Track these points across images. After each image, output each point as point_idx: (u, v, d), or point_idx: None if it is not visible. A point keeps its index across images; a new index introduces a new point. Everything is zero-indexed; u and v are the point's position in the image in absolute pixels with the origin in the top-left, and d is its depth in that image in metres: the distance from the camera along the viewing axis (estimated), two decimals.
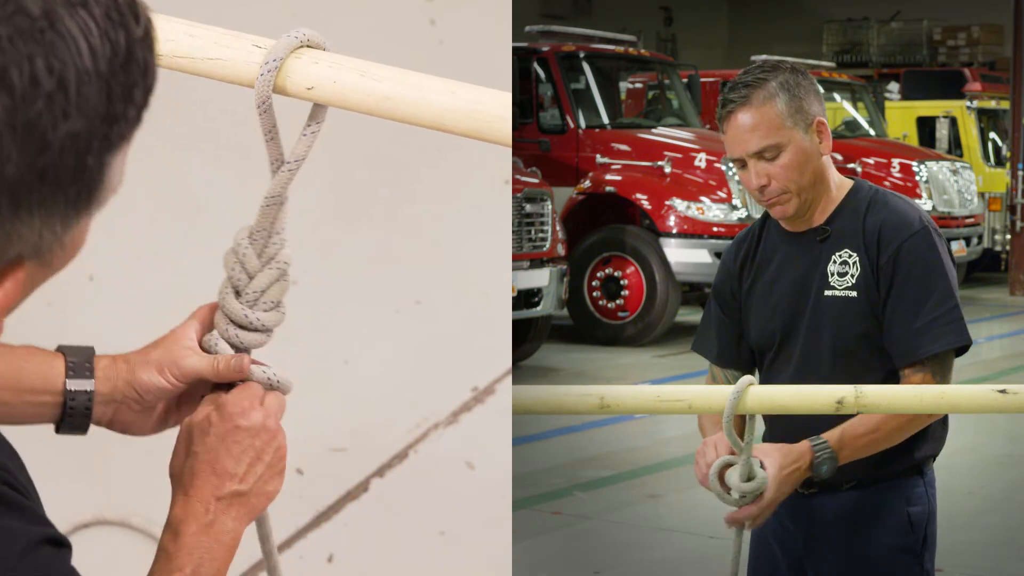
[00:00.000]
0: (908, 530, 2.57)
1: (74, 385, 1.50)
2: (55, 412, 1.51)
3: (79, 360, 1.52)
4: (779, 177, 2.49)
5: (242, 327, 1.57)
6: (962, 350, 2.51)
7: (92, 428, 1.56)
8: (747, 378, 2.11)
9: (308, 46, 1.50)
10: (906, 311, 2.48)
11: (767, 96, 2.47)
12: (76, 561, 1.24)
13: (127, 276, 2.76)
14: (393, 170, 2.84)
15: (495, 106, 1.44)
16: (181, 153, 2.81)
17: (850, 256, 2.52)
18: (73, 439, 1.55)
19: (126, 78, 1.05)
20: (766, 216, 2.66)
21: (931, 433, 2.59)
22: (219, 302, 1.58)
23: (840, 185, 2.57)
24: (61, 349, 1.53)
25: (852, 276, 2.51)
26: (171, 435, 1.57)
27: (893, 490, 2.58)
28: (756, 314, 2.63)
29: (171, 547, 1.45)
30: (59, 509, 2.56)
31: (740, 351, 2.68)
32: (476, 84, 1.46)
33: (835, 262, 2.53)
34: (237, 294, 1.58)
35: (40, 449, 2.66)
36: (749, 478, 2.34)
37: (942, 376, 2.47)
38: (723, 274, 2.72)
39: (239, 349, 1.57)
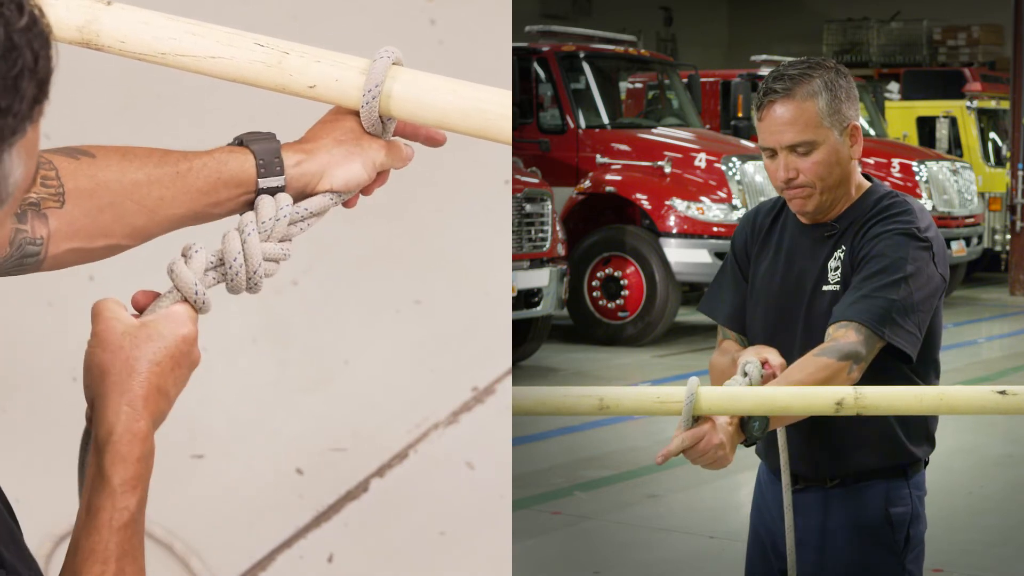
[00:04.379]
0: (888, 530, 2.59)
1: (266, 183, 1.54)
2: (246, 207, 1.55)
3: (268, 159, 1.54)
4: (807, 172, 2.50)
5: (247, 267, 1.51)
6: (899, 353, 2.43)
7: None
8: (694, 380, 2.10)
9: (396, 63, 1.52)
10: (856, 285, 2.45)
11: (810, 92, 2.48)
12: None
13: (127, 276, 2.76)
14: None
15: (496, 105, 1.44)
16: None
17: (843, 252, 2.53)
18: (76, 440, 1.55)
19: (8, 71, 1.03)
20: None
21: (916, 439, 2.60)
22: (242, 229, 1.52)
23: (859, 186, 2.59)
24: (246, 144, 1.55)
25: (840, 271, 2.53)
26: (173, 440, 1.57)
27: (875, 490, 2.60)
28: (757, 293, 2.65)
29: (119, 471, 1.39)
30: (59, 509, 2.56)
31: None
32: (477, 82, 1.46)
33: (835, 258, 2.54)
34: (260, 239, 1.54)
35: (41, 449, 2.66)
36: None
37: (866, 348, 2.37)
38: (741, 235, 2.72)
39: (226, 277, 1.52)
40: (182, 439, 2.74)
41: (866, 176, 2.62)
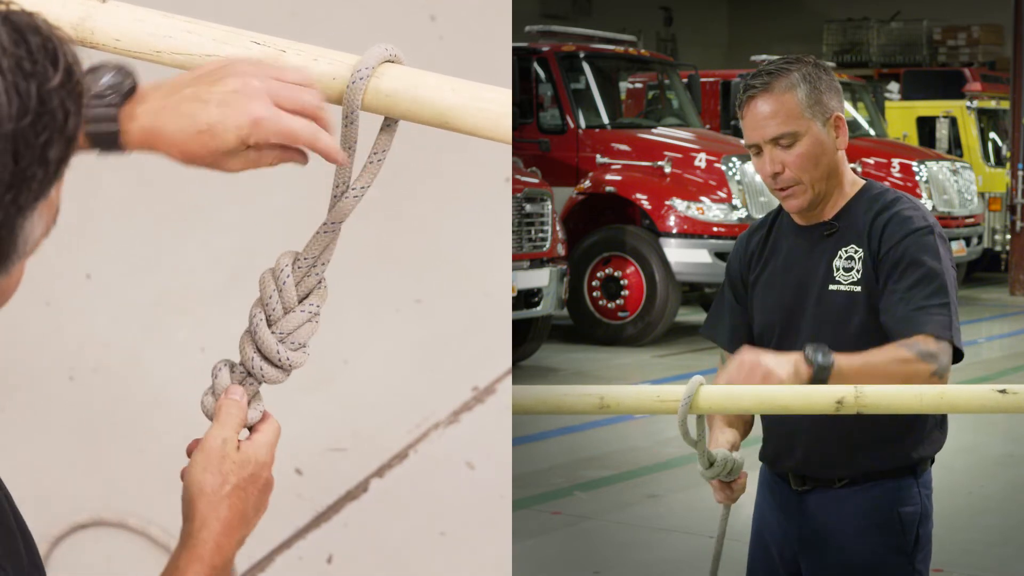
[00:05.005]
0: (899, 530, 2.58)
1: (105, 152, 1.37)
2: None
3: (106, 132, 1.35)
4: (793, 166, 2.50)
5: (269, 360, 1.50)
6: (956, 355, 2.45)
7: (89, 430, 1.55)
8: (697, 378, 2.10)
9: (391, 61, 1.47)
10: (904, 294, 2.45)
11: (788, 85, 2.50)
12: (75, 562, 1.23)
13: (124, 275, 2.75)
14: (392, 169, 2.82)
15: (496, 103, 1.43)
16: None
17: (856, 251, 2.53)
18: (73, 440, 1.54)
19: (36, 136, 0.96)
20: (780, 207, 2.66)
21: (927, 435, 2.59)
22: (251, 328, 1.50)
23: (853, 183, 2.60)
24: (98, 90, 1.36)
25: (857, 271, 2.52)
26: (172, 440, 1.56)
27: (885, 489, 2.58)
28: (760, 304, 2.65)
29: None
30: (58, 509, 2.55)
31: (751, 339, 2.67)
32: (477, 80, 1.45)
33: (841, 257, 2.54)
34: (269, 323, 1.50)
35: (39, 450, 2.66)
36: (710, 464, 2.45)
37: (947, 359, 2.40)
38: (735, 260, 2.74)
39: (256, 379, 1.51)
40: (182, 439, 2.73)
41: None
